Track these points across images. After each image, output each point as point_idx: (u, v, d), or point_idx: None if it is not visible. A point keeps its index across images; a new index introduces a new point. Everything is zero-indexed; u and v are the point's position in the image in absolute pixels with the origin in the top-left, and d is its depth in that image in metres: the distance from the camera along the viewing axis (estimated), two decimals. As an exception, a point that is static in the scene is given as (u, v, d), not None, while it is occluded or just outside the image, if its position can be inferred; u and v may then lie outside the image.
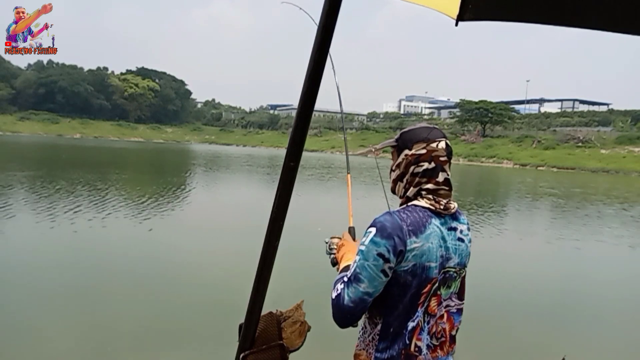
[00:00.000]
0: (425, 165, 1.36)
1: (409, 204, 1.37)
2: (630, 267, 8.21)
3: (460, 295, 1.45)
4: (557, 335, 4.80)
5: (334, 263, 1.58)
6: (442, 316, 1.39)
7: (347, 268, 1.40)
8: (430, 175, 1.36)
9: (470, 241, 1.46)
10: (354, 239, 1.67)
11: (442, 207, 1.35)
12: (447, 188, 1.38)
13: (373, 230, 1.29)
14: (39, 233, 7.98)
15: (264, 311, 1.44)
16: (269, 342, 1.44)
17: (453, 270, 1.39)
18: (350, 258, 1.47)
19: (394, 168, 1.46)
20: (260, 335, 1.43)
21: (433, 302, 1.35)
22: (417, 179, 1.38)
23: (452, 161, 1.42)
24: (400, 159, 1.42)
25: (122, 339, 4.19)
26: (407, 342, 1.31)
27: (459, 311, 1.45)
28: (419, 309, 1.32)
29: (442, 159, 1.38)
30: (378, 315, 1.35)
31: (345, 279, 1.33)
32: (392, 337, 1.32)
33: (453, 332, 1.43)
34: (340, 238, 1.67)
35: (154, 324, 4.54)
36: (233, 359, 1.40)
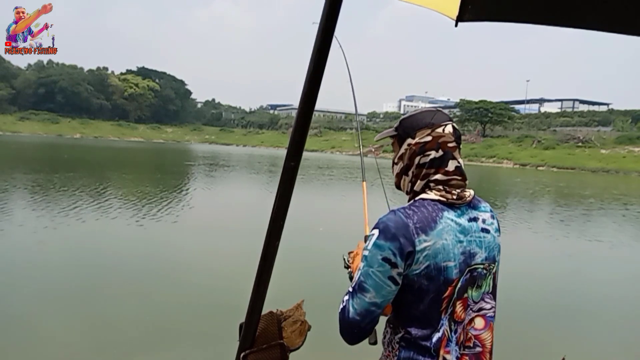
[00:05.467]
0: (433, 154, 1.21)
1: (417, 198, 1.21)
2: (631, 267, 8.21)
3: (494, 294, 1.28)
4: (557, 335, 4.80)
5: (351, 277, 1.42)
6: (471, 321, 1.21)
7: None
8: (438, 164, 1.21)
9: (497, 230, 1.28)
10: None
11: (454, 197, 1.18)
12: (459, 177, 1.22)
13: (376, 232, 1.15)
14: (41, 233, 7.97)
15: (264, 311, 1.44)
16: (270, 342, 1.44)
17: (482, 266, 1.21)
18: None
19: (396, 161, 1.30)
20: (261, 335, 1.43)
21: (459, 307, 1.18)
22: (424, 171, 1.22)
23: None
24: (402, 150, 1.27)
25: (123, 338, 4.19)
26: (434, 355, 1.16)
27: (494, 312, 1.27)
28: (442, 316, 1.16)
29: (450, 144, 1.22)
30: (400, 326, 1.21)
31: (350, 288, 1.20)
32: (415, 351, 1.17)
33: (493, 341, 1.25)
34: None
35: (155, 323, 4.55)
36: (233, 358, 1.40)
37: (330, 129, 77.71)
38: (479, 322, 1.23)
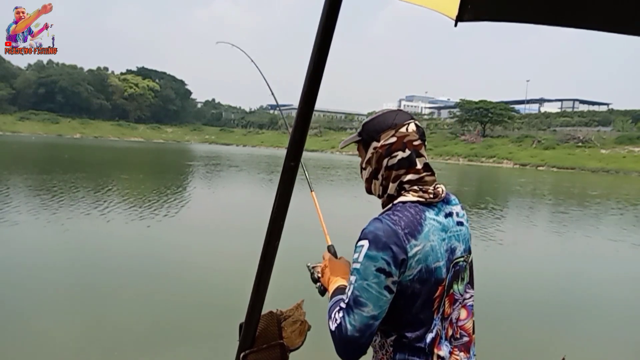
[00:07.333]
0: (400, 154, 1.21)
1: (396, 202, 1.21)
2: (631, 267, 8.20)
3: (472, 283, 1.31)
4: (557, 335, 4.80)
5: (322, 291, 1.39)
6: (459, 315, 1.25)
7: (339, 291, 1.24)
8: (408, 164, 1.21)
9: (468, 220, 1.32)
10: (336, 257, 1.48)
11: (431, 195, 1.19)
12: (429, 173, 1.23)
13: (365, 243, 1.12)
14: (42, 233, 7.98)
15: (264, 310, 1.44)
16: (269, 341, 1.44)
17: (462, 259, 1.24)
18: (337, 280, 1.31)
19: (364, 165, 1.30)
20: (261, 335, 1.43)
21: (447, 304, 1.21)
22: (394, 173, 1.22)
23: (452, 161, 1.35)
24: (369, 154, 1.26)
25: (123, 338, 4.19)
26: (428, 354, 1.17)
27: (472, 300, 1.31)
28: (435, 316, 1.18)
29: (415, 143, 1.22)
30: (392, 330, 1.20)
31: (343, 304, 1.15)
32: (409, 352, 1.18)
33: (473, 327, 1.30)
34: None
35: (156, 322, 4.55)
36: (233, 358, 1.40)
37: (330, 129, 77.72)
38: (463, 313, 1.26)
